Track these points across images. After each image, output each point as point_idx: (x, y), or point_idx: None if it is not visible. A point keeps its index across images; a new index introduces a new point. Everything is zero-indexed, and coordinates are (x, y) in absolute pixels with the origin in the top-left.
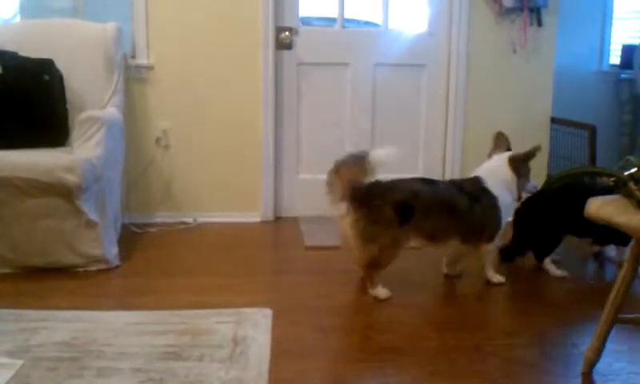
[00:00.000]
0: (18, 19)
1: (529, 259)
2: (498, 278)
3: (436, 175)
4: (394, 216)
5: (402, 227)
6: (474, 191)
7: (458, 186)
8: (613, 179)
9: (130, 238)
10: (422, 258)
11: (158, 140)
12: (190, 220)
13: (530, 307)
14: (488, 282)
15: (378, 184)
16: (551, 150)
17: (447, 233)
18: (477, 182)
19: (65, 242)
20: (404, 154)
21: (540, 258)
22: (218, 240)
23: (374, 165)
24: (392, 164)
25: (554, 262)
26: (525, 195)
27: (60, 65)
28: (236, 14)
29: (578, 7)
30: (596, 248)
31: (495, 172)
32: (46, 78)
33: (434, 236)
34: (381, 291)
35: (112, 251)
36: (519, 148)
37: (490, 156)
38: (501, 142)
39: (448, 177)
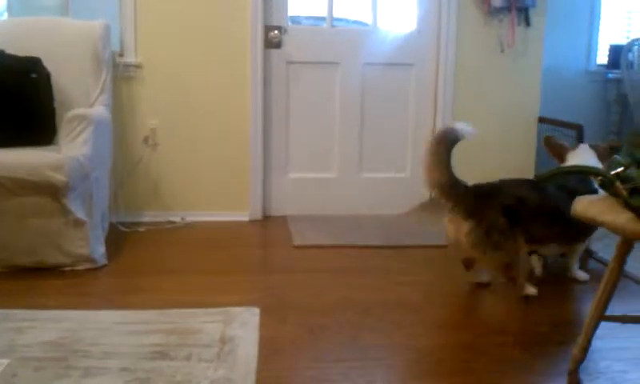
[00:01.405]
0: (5, 17)
1: None
2: (583, 276)
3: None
4: (505, 221)
5: (512, 230)
6: (579, 188)
7: (565, 188)
8: (600, 178)
9: (118, 237)
10: (413, 258)
11: (145, 139)
12: (177, 219)
13: (518, 306)
14: (575, 279)
15: (482, 191)
16: (539, 149)
17: (550, 237)
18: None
19: (52, 241)
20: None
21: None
22: (206, 239)
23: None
24: (385, 161)
25: None
26: None
27: (47, 63)
28: (225, 13)
29: (566, 7)
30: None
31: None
32: (34, 76)
33: (537, 240)
34: (530, 289)
35: (99, 250)
36: (507, 147)
37: (562, 158)
38: (555, 142)
39: None
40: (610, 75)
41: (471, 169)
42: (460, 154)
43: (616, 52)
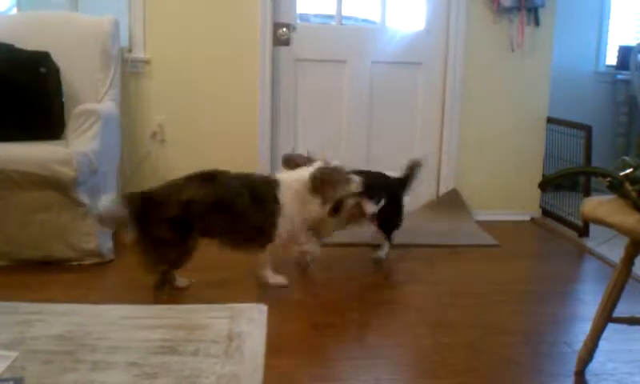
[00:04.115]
0: (14, 11)
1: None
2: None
3: (432, 173)
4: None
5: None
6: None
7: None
8: (608, 179)
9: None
10: (418, 257)
11: (153, 134)
12: None
13: (524, 306)
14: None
15: None
16: (547, 150)
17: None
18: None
19: (60, 235)
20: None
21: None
22: None
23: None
24: (392, 159)
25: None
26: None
27: (56, 58)
28: (234, 10)
29: (576, 8)
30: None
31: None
32: (42, 70)
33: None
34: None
35: (107, 245)
36: (515, 147)
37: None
38: (291, 159)
39: (444, 176)
40: (619, 76)
41: (479, 168)
42: (467, 154)
43: (625, 53)
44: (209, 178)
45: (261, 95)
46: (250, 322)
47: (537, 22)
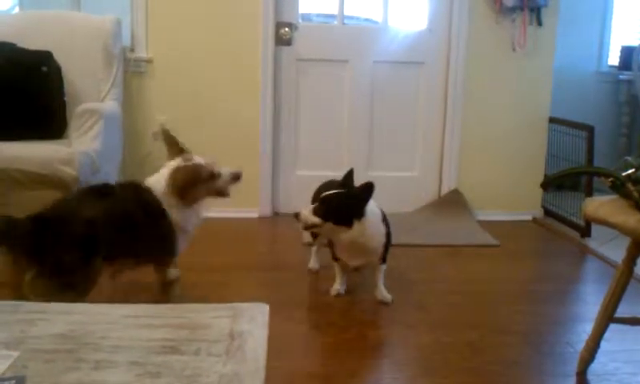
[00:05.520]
0: (16, 10)
1: None
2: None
3: (434, 173)
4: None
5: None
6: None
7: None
8: (611, 179)
9: None
10: (420, 256)
11: (155, 134)
12: None
13: (525, 306)
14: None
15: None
16: (549, 149)
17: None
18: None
19: None
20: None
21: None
22: (216, 235)
23: None
24: (393, 159)
25: None
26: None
27: (58, 57)
28: (236, 9)
29: (578, 8)
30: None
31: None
32: (44, 69)
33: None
34: None
35: None
36: (517, 147)
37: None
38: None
39: (446, 176)
40: (622, 76)
41: (480, 168)
42: (469, 154)
43: (628, 53)
44: (105, 192)
45: (263, 95)
46: (252, 322)
47: (539, 22)
